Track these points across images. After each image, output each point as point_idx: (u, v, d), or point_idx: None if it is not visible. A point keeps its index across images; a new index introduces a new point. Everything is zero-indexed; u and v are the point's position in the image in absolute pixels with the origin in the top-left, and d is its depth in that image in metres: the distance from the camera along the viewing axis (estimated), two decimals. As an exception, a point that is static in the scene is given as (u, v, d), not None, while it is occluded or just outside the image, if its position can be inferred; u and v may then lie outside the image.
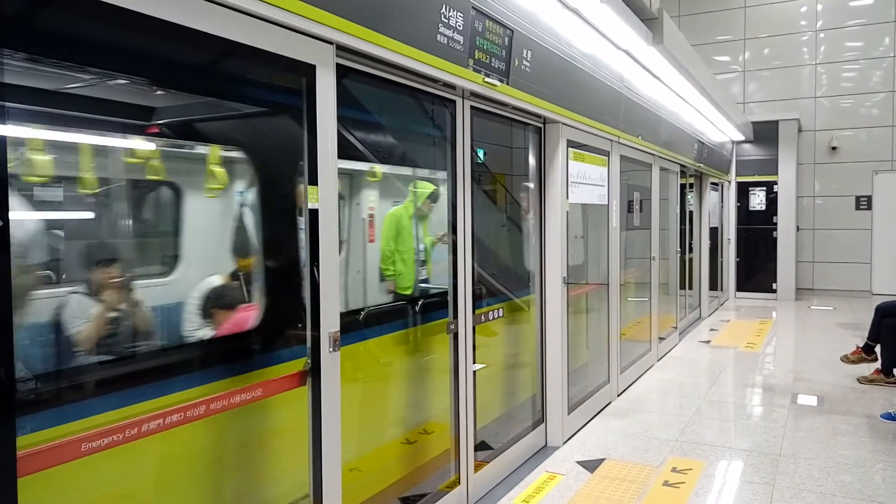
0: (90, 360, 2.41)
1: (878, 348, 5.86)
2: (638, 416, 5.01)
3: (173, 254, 3.57)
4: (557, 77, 4.08)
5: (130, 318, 2.58)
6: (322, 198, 2.29)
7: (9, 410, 1.46)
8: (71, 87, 1.97)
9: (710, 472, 3.91)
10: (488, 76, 3.28)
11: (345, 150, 2.90)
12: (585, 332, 5.19)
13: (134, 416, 1.80)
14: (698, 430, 4.68)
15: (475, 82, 3.20)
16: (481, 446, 3.68)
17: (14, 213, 1.46)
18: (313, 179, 2.27)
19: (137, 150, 2.83)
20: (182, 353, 2.53)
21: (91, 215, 3.04)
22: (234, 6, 1.92)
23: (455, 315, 3.32)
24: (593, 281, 5.28)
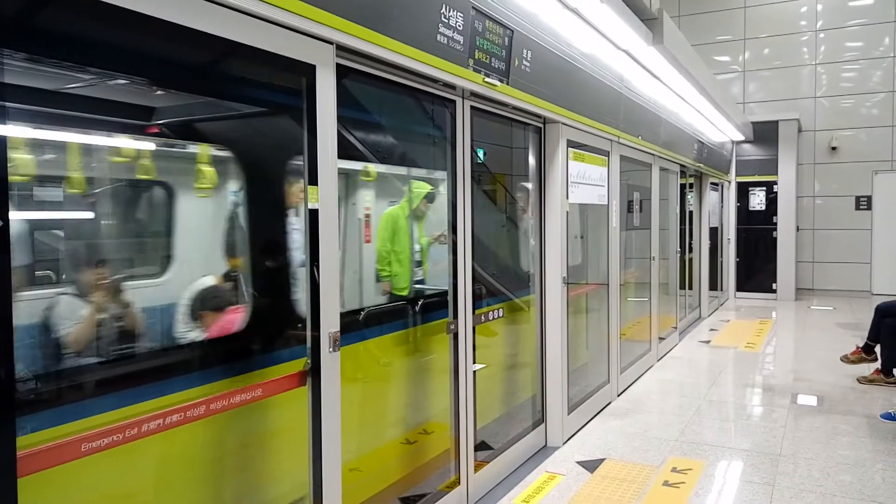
0: (80, 361, 2.40)
1: (877, 348, 5.86)
2: (638, 416, 5.01)
3: (166, 254, 3.55)
4: (557, 77, 4.07)
5: (121, 319, 2.57)
6: (322, 198, 2.29)
7: (9, 410, 1.46)
8: (71, 88, 1.97)
9: (710, 472, 3.91)
10: (488, 76, 3.28)
11: (345, 151, 2.90)
12: (585, 332, 5.19)
13: (133, 417, 1.80)
14: (698, 430, 4.69)
15: (475, 82, 3.20)
16: (481, 446, 3.68)
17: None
18: (313, 179, 2.27)
19: (128, 149, 2.82)
20: (175, 355, 2.51)
21: (80, 216, 3.02)
22: (234, 6, 1.92)
23: (455, 315, 3.32)
24: (593, 281, 5.29)
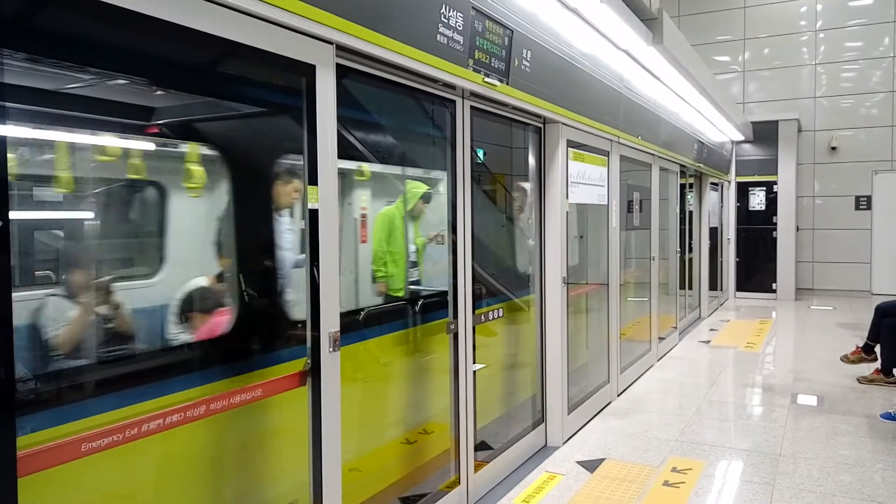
0: (70, 363, 2.39)
1: (877, 348, 5.86)
2: (638, 416, 5.01)
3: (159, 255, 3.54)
4: (557, 77, 4.07)
5: (112, 320, 2.56)
6: (322, 198, 2.29)
7: (9, 410, 1.46)
8: (71, 87, 1.97)
9: (710, 472, 3.91)
10: (488, 76, 3.28)
11: (345, 151, 2.89)
12: (585, 332, 5.19)
13: (133, 417, 1.80)
14: (698, 430, 4.69)
15: (475, 82, 3.20)
16: (481, 446, 3.67)
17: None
18: (313, 179, 2.27)
19: (128, 150, 2.81)
20: (167, 356, 2.50)
21: (69, 216, 3.01)
22: (234, 6, 1.92)
23: (455, 315, 3.32)
24: (593, 281, 5.29)
